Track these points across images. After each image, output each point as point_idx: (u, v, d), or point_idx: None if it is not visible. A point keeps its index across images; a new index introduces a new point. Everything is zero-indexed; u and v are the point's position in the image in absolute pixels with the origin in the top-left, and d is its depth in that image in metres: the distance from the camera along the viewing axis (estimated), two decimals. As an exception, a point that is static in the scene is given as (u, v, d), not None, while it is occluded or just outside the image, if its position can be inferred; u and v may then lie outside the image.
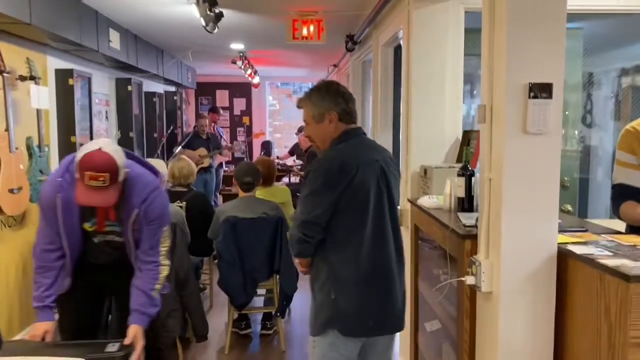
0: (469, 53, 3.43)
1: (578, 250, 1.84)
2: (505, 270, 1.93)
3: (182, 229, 3.59)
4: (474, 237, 2.17)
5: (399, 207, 3.59)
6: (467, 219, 2.49)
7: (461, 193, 2.72)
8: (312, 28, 4.54)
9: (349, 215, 2.20)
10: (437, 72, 3.30)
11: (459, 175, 2.73)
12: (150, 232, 2.41)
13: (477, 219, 2.24)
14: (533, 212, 1.95)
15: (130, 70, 6.20)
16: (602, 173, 4.50)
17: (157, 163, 3.79)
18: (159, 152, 6.79)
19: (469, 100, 3.79)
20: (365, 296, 2.25)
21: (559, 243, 1.98)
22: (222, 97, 10.74)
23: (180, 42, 6.40)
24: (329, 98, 2.28)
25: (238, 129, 10.73)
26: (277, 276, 3.84)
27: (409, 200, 3.33)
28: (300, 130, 8.93)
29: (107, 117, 5.75)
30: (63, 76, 4.54)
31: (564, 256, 1.90)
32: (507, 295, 1.91)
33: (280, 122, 12.40)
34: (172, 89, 8.73)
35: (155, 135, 7.27)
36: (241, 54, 7.00)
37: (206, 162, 7.91)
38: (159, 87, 8.01)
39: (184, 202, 4.41)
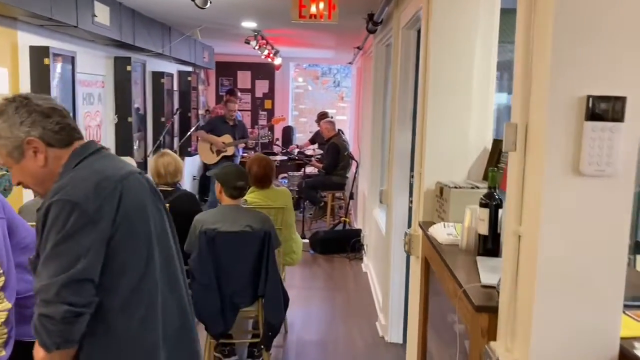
0: (506, 40, 2.71)
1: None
2: (535, 385, 1.28)
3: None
4: (493, 311, 1.51)
5: (407, 231, 2.93)
6: (488, 271, 1.83)
7: (483, 229, 2.05)
8: (321, 5, 3.86)
9: (130, 254, 1.54)
10: (463, 63, 2.61)
11: (482, 204, 2.05)
12: None
13: (499, 280, 1.58)
14: (584, 291, 1.29)
15: (132, 49, 5.64)
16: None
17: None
18: (161, 138, 6.24)
19: (502, 99, 3.07)
20: None
21: (622, 337, 1.31)
22: (243, 79, 10.14)
23: (186, 19, 5.79)
24: (17, 121, 1.57)
25: (260, 112, 10.12)
26: (262, 302, 3.23)
27: (420, 224, 2.66)
28: (320, 117, 8.29)
29: (100, 100, 5.22)
30: (37, 55, 3.99)
31: (631, 376, 1.23)
32: None
33: (305, 105, 11.74)
34: (188, 69, 8.17)
35: (163, 119, 6.73)
36: (256, 33, 6.35)
37: (230, 151, 7.35)
38: (171, 67, 7.44)
39: (167, 204, 3.84)
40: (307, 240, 6.60)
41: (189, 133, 7.24)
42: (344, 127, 10.05)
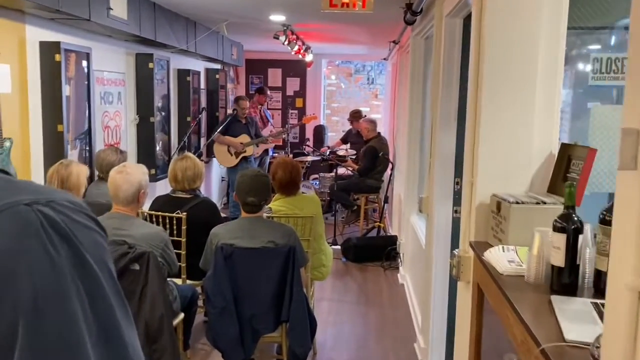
0: (576, 26, 2.26)
1: None
2: None
3: (156, 261, 2.67)
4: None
5: (456, 252, 2.50)
6: (571, 319, 1.41)
7: (558, 260, 1.62)
8: (355, -8, 3.45)
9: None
10: (525, 52, 2.17)
11: (556, 228, 1.63)
12: None
13: (598, 339, 1.17)
14: None
15: (154, 45, 5.34)
16: None
17: (138, 169, 2.86)
18: (186, 139, 5.94)
19: (572, 93, 2.60)
20: None
21: None
22: (274, 76, 9.80)
23: (211, 13, 5.47)
24: None
25: (291, 111, 9.76)
26: (286, 327, 2.85)
27: (471, 245, 2.24)
28: (353, 115, 7.88)
29: (120, 100, 4.93)
30: (48, 50, 3.70)
31: None
32: None
33: (338, 104, 11.34)
34: (216, 66, 7.86)
35: (189, 118, 6.43)
36: (285, 28, 5.99)
37: (249, 151, 7.02)
38: (198, 65, 7.15)
39: (185, 213, 3.51)
40: (338, 247, 6.21)
41: (215, 135, 6.93)
42: (379, 126, 9.62)
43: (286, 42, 6.11)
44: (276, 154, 8.14)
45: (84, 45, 4.10)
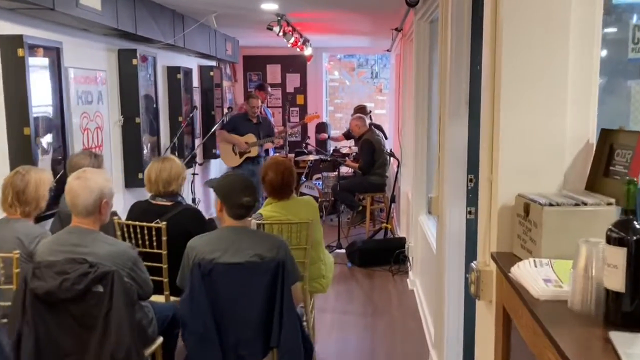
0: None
1: None
2: None
3: (122, 282, 2.28)
4: None
5: (474, 265, 2.09)
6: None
7: (617, 283, 1.21)
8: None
9: None
10: (552, 17, 1.76)
11: (612, 239, 1.22)
12: None
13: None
14: None
15: (139, 40, 4.96)
16: None
17: (99, 174, 2.47)
18: (176, 140, 5.55)
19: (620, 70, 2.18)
20: None
21: None
22: (273, 73, 9.40)
23: (198, 4, 5.09)
24: None
25: (291, 109, 9.35)
26: (277, 354, 2.45)
27: (493, 257, 1.83)
28: (357, 111, 7.49)
29: (100, 99, 4.55)
30: (8, 45, 3.33)
31: None
32: None
33: (341, 100, 10.92)
34: (211, 63, 7.48)
35: (181, 118, 6.05)
36: (279, 17, 5.58)
37: (254, 152, 6.62)
38: (190, 62, 6.76)
39: (164, 223, 3.12)
40: (343, 251, 5.81)
41: (210, 133, 6.54)
42: (383, 122, 9.20)
43: (281, 34, 5.70)
44: (277, 154, 7.72)
45: (52, 39, 3.72)
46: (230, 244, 2.44)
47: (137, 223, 3.18)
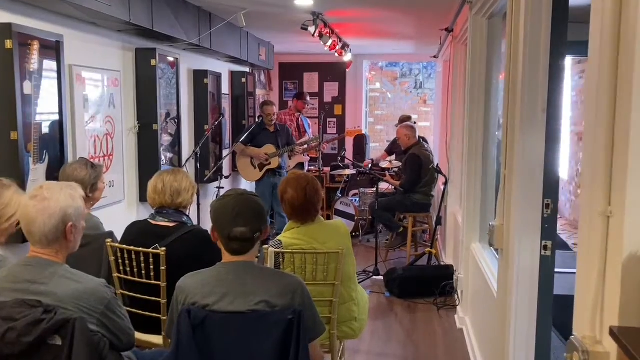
0: None
1: None
2: None
3: (86, 333, 1.71)
4: None
5: (576, 340, 1.43)
6: None
7: None
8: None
9: None
10: None
11: None
12: None
13: None
14: None
15: (160, 39, 4.49)
16: None
17: (61, 191, 1.90)
18: (198, 150, 5.04)
19: None
20: None
21: None
22: (310, 81, 8.86)
23: (227, 0, 4.58)
24: None
25: (329, 120, 8.77)
26: None
27: (613, 332, 1.18)
28: (401, 121, 6.86)
29: (112, 103, 4.07)
30: (-6, 36, 2.86)
31: None
32: None
33: (382, 111, 10.30)
34: (244, 69, 6.99)
35: (207, 127, 5.54)
36: (315, 17, 5.03)
37: (274, 163, 6.08)
38: (220, 66, 6.28)
39: (165, 248, 2.57)
40: (381, 278, 5.16)
41: (235, 146, 6.02)
42: (427, 135, 8.52)
43: (317, 34, 5.14)
44: (313, 168, 7.12)
45: (51, 32, 3.25)
46: (229, 286, 1.85)
47: (132, 248, 2.64)
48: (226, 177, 5.79)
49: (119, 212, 4.11)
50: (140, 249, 2.61)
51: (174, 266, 2.57)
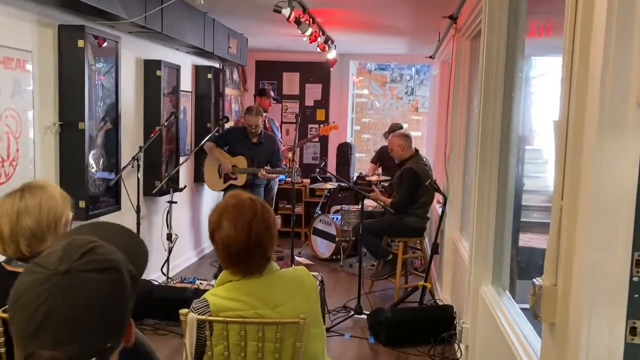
0: None
1: None
2: None
3: None
4: None
5: None
6: None
7: None
8: None
9: None
10: None
11: None
12: None
13: None
14: None
15: (89, 14, 3.54)
16: None
17: None
18: (138, 156, 4.06)
19: None
20: None
21: None
22: (290, 82, 7.92)
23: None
24: None
25: (310, 126, 7.82)
26: None
27: None
28: (391, 130, 5.95)
29: (17, 92, 3.10)
30: None
31: None
32: None
33: (370, 119, 9.41)
34: (211, 63, 6.03)
35: (158, 128, 4.56)
36: (290, -3, 4.11)
37: (241, 179, 5.09)
38: (180, 57, 5.32)
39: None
40: (364, 317, 4.22)
41: (197, 147, 5.05)
42: (419, 146, 7.61)
43: (292, 18, 4.20)
44: (288, 179, 6.11)
45: None
46: None
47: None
48: (180, 190, 4.81)
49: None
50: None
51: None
